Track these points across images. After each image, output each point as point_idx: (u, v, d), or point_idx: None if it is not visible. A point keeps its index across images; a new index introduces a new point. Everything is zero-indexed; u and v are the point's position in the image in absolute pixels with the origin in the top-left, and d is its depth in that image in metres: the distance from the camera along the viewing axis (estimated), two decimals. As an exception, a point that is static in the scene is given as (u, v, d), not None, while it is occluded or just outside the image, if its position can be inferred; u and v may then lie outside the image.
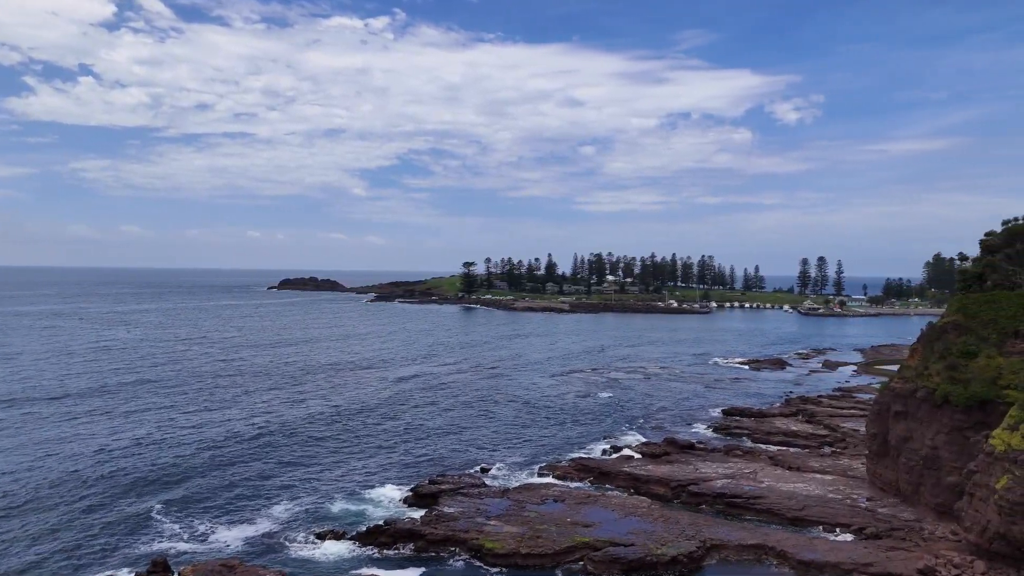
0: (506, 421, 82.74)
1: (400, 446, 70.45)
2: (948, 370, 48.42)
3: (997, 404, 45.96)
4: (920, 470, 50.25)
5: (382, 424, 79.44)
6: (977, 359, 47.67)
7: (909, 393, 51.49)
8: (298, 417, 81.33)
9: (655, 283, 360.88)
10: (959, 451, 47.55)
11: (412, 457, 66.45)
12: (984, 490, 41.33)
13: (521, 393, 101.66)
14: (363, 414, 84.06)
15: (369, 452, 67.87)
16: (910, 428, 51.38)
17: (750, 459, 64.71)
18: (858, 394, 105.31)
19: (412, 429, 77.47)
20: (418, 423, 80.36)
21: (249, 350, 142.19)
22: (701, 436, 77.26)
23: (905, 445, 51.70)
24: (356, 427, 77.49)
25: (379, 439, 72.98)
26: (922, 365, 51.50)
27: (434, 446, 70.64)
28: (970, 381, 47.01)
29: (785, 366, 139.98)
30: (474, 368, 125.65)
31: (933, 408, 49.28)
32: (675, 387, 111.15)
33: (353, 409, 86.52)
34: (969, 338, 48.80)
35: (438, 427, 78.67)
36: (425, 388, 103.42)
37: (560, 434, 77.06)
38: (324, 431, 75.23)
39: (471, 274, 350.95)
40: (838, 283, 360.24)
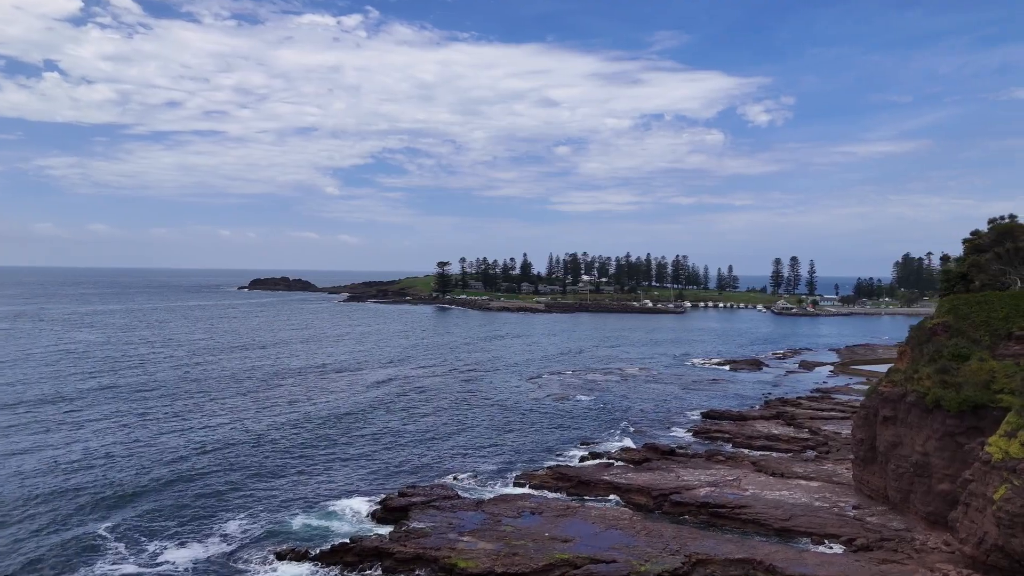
0: (481, 427, 79.92)
1: (370, 455, 67.29)
2: (939, 373, 46.67)
3: (990, 409, 44.28)
4: (910, 477, 48.48)
5: (351, 431, 76.14)
6: (969, 362, 45.98)
7: (898, 397, 49.72)
8: (264, 425, 77.73)
9: (630, 283, 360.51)
10: (951, 458, 45.81)
11: (382, 467, 63.35)
12: (980, 500, 39.53)
13: (497, 396, 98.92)
14: (332, 421, 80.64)
15: (337, 462, 64.61)
16: (899, 434, 49.60)
17: (733, 465, 62.68)
18: (836, 395, 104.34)
19: (383, 436, 74.31)
20: (389, 430, 77.19)
21: (216, 354, 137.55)
22: (681, 440, 75.21)
23: (894, 451, 49.92)
24: (324, 435, 74.10)
25: (348, 448, 69.73)
26: (911, 368, 49.77)
27: (405, 454, 67.59)
28: (962, 385, 45.29)
29: (762, 366, 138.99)
30: (448, 371, 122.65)
31: (923, 413, 47.51)
32: (653, 389, 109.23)
33: (321, 416, 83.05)
34: (961, 340, 47.15)
35: (410, 434, 75.59)
36: (397, 392, 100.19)
37: (537, 440, 74.47)
38: (290, 440, 71.74)
39: (445, 274, 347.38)
40: (810, 283, 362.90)
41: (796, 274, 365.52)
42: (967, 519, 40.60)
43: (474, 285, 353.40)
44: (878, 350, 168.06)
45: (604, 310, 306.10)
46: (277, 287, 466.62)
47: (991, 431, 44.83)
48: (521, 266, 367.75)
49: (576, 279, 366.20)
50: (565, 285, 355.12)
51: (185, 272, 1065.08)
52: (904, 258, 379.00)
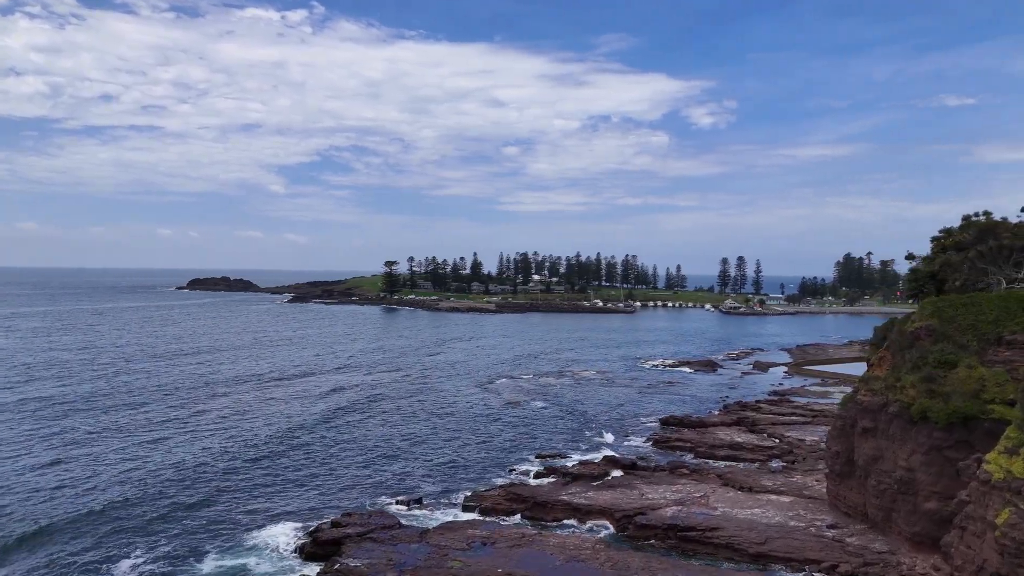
0: (428, 440, 73.92)
1: (303, 476, 60.70)
2: (925, 382, 43.03)
3: (981, 421, 40.79)
4: (892, 494, 44.77)
5: (284, 450, 69.15)
6: (956, 370, 42.45)
7: (879, 407, 46.00)
8: (188, 445, 70.09)
9: (580, 283, 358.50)
10: (938, 474, 42.21)
11: (316, 490, 56.87)
12: (979, 524, 35.75)
13: (447, 405, 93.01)
14: (264, 438, 73.47)
15: (266, 486, 57.83)
16: (880, 447, 45.89)
17: (698, 479, 58.41)
18: (794, 397, 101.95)
19: (319, 454, 67.67)
20: (326, 446, 70.52)
21: (143, 361, 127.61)
22: (641, 451, 70.82)
23: (874, 466, 46.20)
24: (255, 455, 66.93)
25: (279, 469, 62.92)
26: (893, 376, 46.10)
27: (343, 475, 61.22)
28: (950, 395, 41.69)
29: (716, 368, 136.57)
30: (395, 378, 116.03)
31: (907, 425, 43.84)
32: (608, 393, 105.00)
33: (253, 432, 75.81)
34: (947, 345, 43.63)
35: (349, 451, 69.11)
36: (338, 404, 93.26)
37: (489, 453, 68.97)
38: (216, 461, 64.38)
39: (393, 273, 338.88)
40: (757, 282, 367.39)
41: (743, 273, 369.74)
42: (963, 544, 36.82)
43: (423, 285, 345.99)
44: (828, 350, 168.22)
45: (555, 310, 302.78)
46: (217, 287, 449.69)
47: (981, 445, 41.42)
48: (471, 266, 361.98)
49: (527, 279, 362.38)
50: (516, 285, 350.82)
51: (122, 272, 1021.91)
52: (845, 258, 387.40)
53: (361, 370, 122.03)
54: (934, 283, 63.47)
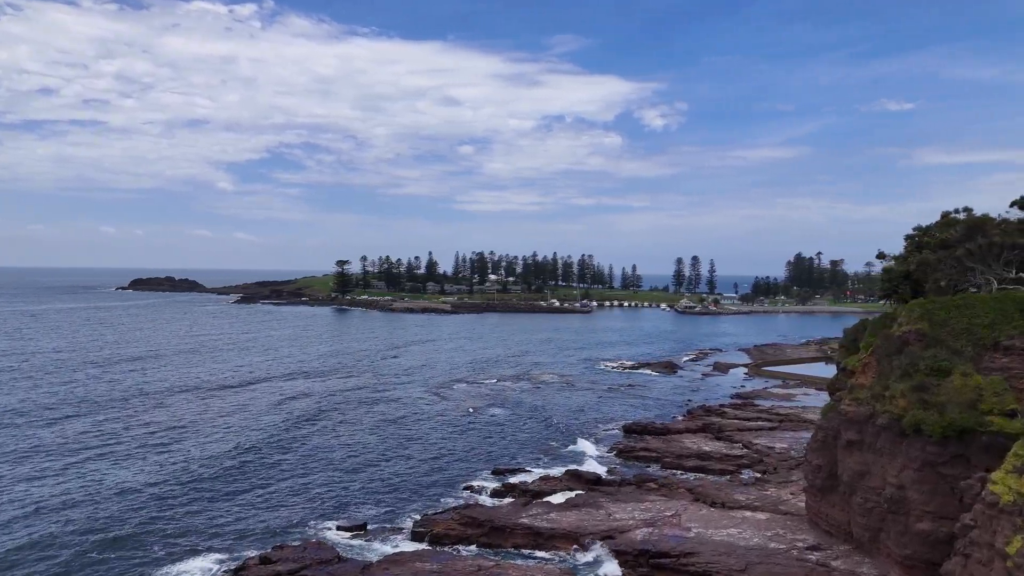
0: (375, 455, 68.23)
1: (233, 500, 54.59)
2: (916, 392, 39.54)
3: (978, 434, 37.43)
4: (881, 513, 41.23)
5: (215, 470, 62.62)
6: (951, 378, 39.06)
7: (864, 419, 42.44)
8: (108, 468, 62.81)
9: (537, 282, 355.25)
10: (932, 492, 38.73)
11: (247, 516, 50.89)
12: (986, 551, 32.17)
13: (397, 415, 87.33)
14: (194, 458, 66.79)
15: (189, 513, 51.48)
16: (867, 462, 42.34)
17: (667, 494, 54.33)
18: (758, 400, 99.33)
19: (253, 473, 61.43)
20: (262, 465, 64.17)
21: (70, 370, 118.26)
22: (606, 462, 66.58)
23: (861, 482, 42.63)
24: (182, 477, 60.30)
25: (207, 492, 56.63)
26: (880, 384, 42.58)
27: (279, 497, 55.31)
28: (945, 406, 38.25)
29: (676, 369, 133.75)
30: (342, 385, 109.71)
31: (896, 438, 40.32)
32: (568, 398, 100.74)
33: (183, 452, 68.97)
34: (939, 351, 40.25)
35: (287, 470, 62.90)
36: (280, 416, 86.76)
37: (441, 469, 63.72)
38: (139, 485, 57.61)
39: (345, 273, 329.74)
40: (711, 282, 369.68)
41: (697, 273, 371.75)
42: (967, 573, 33.24)
43: (376, 285, 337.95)
44: (786, 350, 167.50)
45: (512, 310, 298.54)
46: (161, 287, 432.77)
47: (978, 460, 38.12)
48: (426, 265, 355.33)
49: (483, 279, 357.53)
50: (472, 285, 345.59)
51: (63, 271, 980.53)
52: (796, 258, 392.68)
53: (308, 377, 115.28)
54: (909, 283, 60.81)
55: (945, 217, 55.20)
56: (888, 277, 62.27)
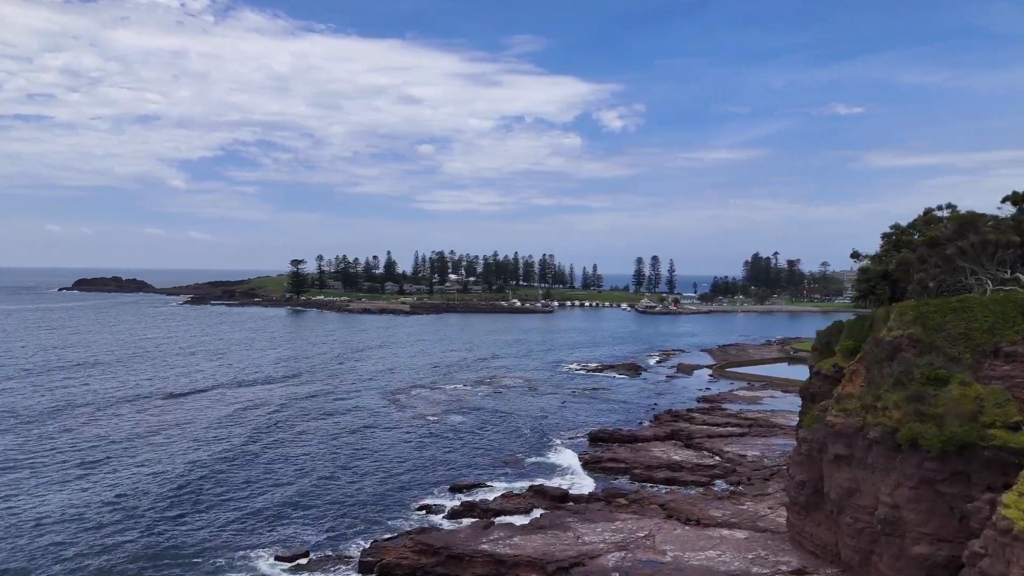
0: (323, 472, 62.77)
1: (159, 530, 48.94)
2: (912, 402, 36.36)
3: (979, 449, 34.35)
4: (873, 534, 37.99)
5: (142, 494, 56.83)
6: (948, 387, 35.95)
7: (854, 431, 39.14)
8: (24, 495, 56.80)
9: (498, 282, 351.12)
10: (929, 511, 35.58)
11: (172, 547, 45.42)
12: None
13: (348, 425, 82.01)
14: (118, 480, 60.80)
15: (98, 549, 45.75)
16: (857, 478, 39.07)
17: (639, 512, 50.56)
18: (725, 404, 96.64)
19: (185, 498, 55.35)
20: (196, 487, 57.94)
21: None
22: (571, 474, 62.66)
23: (850, 500, 39.36)
24: (100, 501, 54.56)
25: (128, 521, 50.74)
26: (870, 394, 39.34)
27: (213, 524, 49.83)
28: (944, 418, 35.11)
29: (640, 371, 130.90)
30: (292, 392, 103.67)
31: (890, 453, 37.10)
32: (530, 403, 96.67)
33: (108, 473, 62.71)
34: (935, 358, 37.16)
35: (225, 491, 57.01)
36: (221, 430, 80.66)
37: (394, 487, 58.74)
38: (52, 515, 51.79)
39: (300, 273, 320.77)
40: (671, 281, 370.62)
41: (657, 273, 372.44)
42: (976, 607, 30.03)
43: (333, 285, 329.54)
44: (749, 350, 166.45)
45: (473, 310, 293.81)
46: (107, 287, 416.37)
47: (980, 477, 35.08)
48: (385, 265, 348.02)
49: (443, 278, 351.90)
50: (432, 285, 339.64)
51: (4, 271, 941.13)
52: (754, 258, 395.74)
53: (257, 385, 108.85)
54: (888, 283, 58.24)
55: (928, 214, 52.69)
56: (865, 277, 59.63)
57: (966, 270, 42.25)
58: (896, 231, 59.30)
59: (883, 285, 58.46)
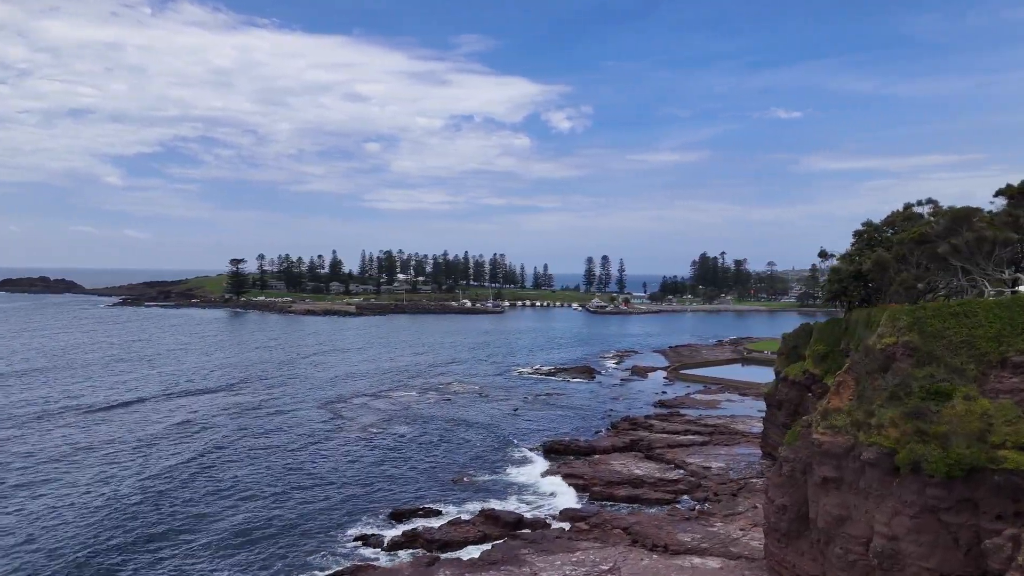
0: (247, 496, 55.87)
1: (52, 569, 41.94)
2: (911, 419, 32.22)
3: (988, 473, 30.34)
4: (866, 568, 33.75)
5: (34, 537, 49.53)
6: (952, 402, 31.92)
7: (844, 451, 34.87)
8: None
9: (448, 282, 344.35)
10: (932, 544, 31.43)
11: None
12: (1027, 636, 24.86)
13: (280, 440, 75.01)
14: (13, 508, 53.18)
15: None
16: (848, 504, 34.82)
17: (601, 538, 45.64)
18: (683, 410, 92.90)
19: (86, 530, 48.57)
20: (101, 519, 51.29)
21: None
22: (526, 492, 57.41)
23: (840, 529, 35.09)
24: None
25: (10, 558, 43.61)
26: (862, 409, 35.12)
27: (109, 560, 42.97)
28: (948, 437, 31.04)
29: (594, 374, 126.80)
30: (223, 403, 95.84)
31: (886, 476, 32.91)
32: (480, 411, 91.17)
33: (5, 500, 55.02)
34: (936, 369, 33.13)
35: (129, 523, 50.12)
36: (139, 452, 72.86)
37: (327, 512, 52.40)
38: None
39: (240, 273, 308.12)
40: (621, 281, 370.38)
41: (607, 272, 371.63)
42: (999, 662, 25.87)
43: (275, 285, 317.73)
44: (702, 351, 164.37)
45: (422, 311, 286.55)
46: (33, 287, 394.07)
47: (988, 505, 31.05)
48: (330, 264, 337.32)
49: (392, 278, 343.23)
50: (380, 285, 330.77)
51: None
52: (701, 257, 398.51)
53: (186, 396, 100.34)
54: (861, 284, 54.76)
55: (907, 209, 49.22)
56: (837, 278, 56.00)
57: (958, 270, 38.50)
58: (869, 228, 55.91)
59: (856, 286, 55.01)
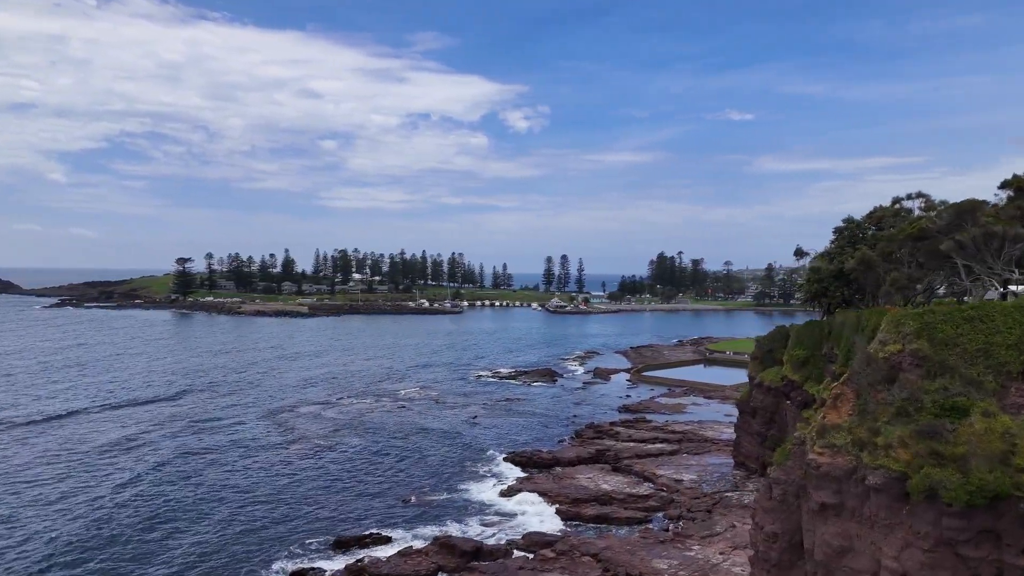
0: (168, 523, 49.89)
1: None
2: (924, 439, 28.39)
3: (1012, 500, 26.65)
4: (872, 607, 29.85)
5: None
6: (970, 419, 28.18)
7: (846, 474, 30.88)
8: None
9: (405, 282, 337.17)
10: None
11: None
12: None
13: (216, 456, 68.63)
14: None
15: None
16: (850, 534, 30.86)
17: (569, 567, 41.08)
18: (649, 415, 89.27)
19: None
20: (9, 559, 44.88)
21: None
22: (486, 513, 52.55)
23: (841, 561, 31.13)
24: None
25: None
26: (864, 427, 31.20)
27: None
28: (968, 460, 27.25)
29: (556, 377, 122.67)
30: (155, 416, 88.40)
31: (895, 503, 29.03)
32: (437, 419, 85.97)
33: None
34: (950, 382, 29.39)
35: (24, 558, 43.99)
36: (51, 466, 66.10)
37: (257, 543, 46.60)
38: None
39: (187, 272, 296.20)
40: (580, 281, 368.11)
41: (566, 272, 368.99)
42: None
43: (225, 285, 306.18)
44: (664, 351, 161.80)
45: (377, 311, 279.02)
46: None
47: (1013, 537, 27.36)
48: (283, 263, 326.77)
49: (347, 278, 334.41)
50: (334, 285, 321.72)
51: None
52: (659, 257, 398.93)
53: (119, 408, 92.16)
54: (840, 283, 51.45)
55: (896, 204, 45.89)
56: (817, 277, 52.67)
57: (961, 269, 34.98)
58: (851, 225, 52.69)
59: (838, 286, 51.70)
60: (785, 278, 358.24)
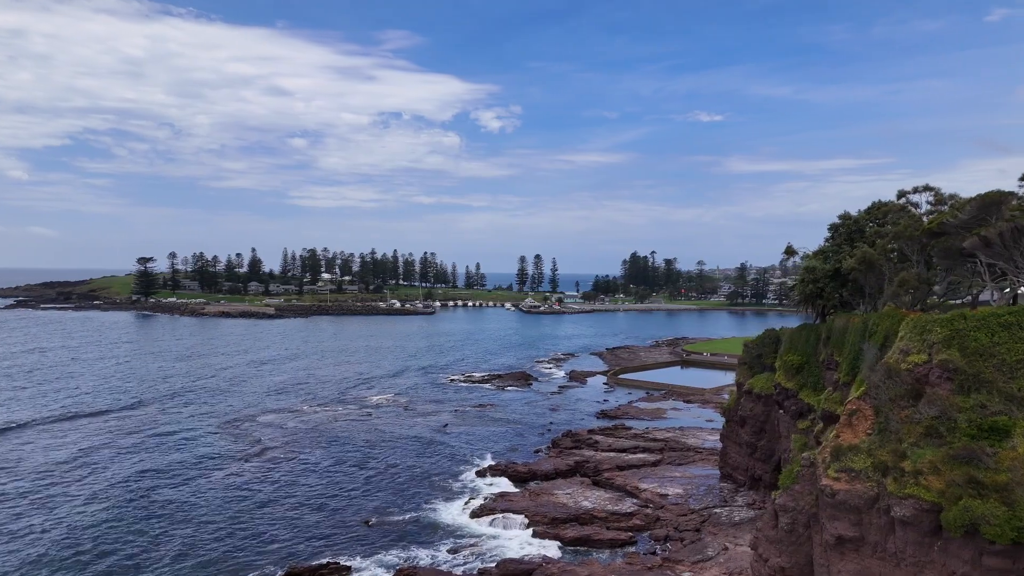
0: (106, 548, 44.94)
1: None
2: (960, 464, 24.69)
3: (1064, 536, 23.03)
4: (898, 656, 26.07)
5: None
6: (1012, 440, 24.52)
7: (866, 504, 27.11)
8: None
9: (376, 281, 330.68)
10: (991, 630, 23.94)
11: None
12: None
13: (165, 473, 63.41)
14: None
15: None
16: (872, 571, 27.07)
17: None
18: (628, 421, 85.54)
19: None
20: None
21: None
22: (458, 537, 48.13)
23: (861, 603, 27.34)
24: None
25: None
26: (887, 449, 27.43)
27: None
28: (1013, 489, 23.56)
29: (531, 381, 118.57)
30: (105, 428, 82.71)
31: (927, 538, 25.30)
32: (407, 429, 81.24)
33: None
34: (987, 398, 25.73)
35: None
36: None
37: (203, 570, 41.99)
38: None
39: (149, 272, 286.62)
40: (554, 280, 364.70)
41: (540, 272, 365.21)
42: None
43: (188, 285, 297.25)
44: (640, 353, 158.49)
45: (347, 312, 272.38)
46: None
47: (1065, 577, 23.87)
48: (249, 263, 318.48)
49: (315, 278, 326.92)
50: (303, 285, 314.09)
51: None
52: (632, 256, 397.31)
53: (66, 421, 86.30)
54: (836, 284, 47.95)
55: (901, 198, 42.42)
56: (812, 277, 49.11)
57: (983, 267, 31.44)
58: (847, 222, 49.21)
59: (834, 287, 48.19)
60: (758, 277, 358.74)
